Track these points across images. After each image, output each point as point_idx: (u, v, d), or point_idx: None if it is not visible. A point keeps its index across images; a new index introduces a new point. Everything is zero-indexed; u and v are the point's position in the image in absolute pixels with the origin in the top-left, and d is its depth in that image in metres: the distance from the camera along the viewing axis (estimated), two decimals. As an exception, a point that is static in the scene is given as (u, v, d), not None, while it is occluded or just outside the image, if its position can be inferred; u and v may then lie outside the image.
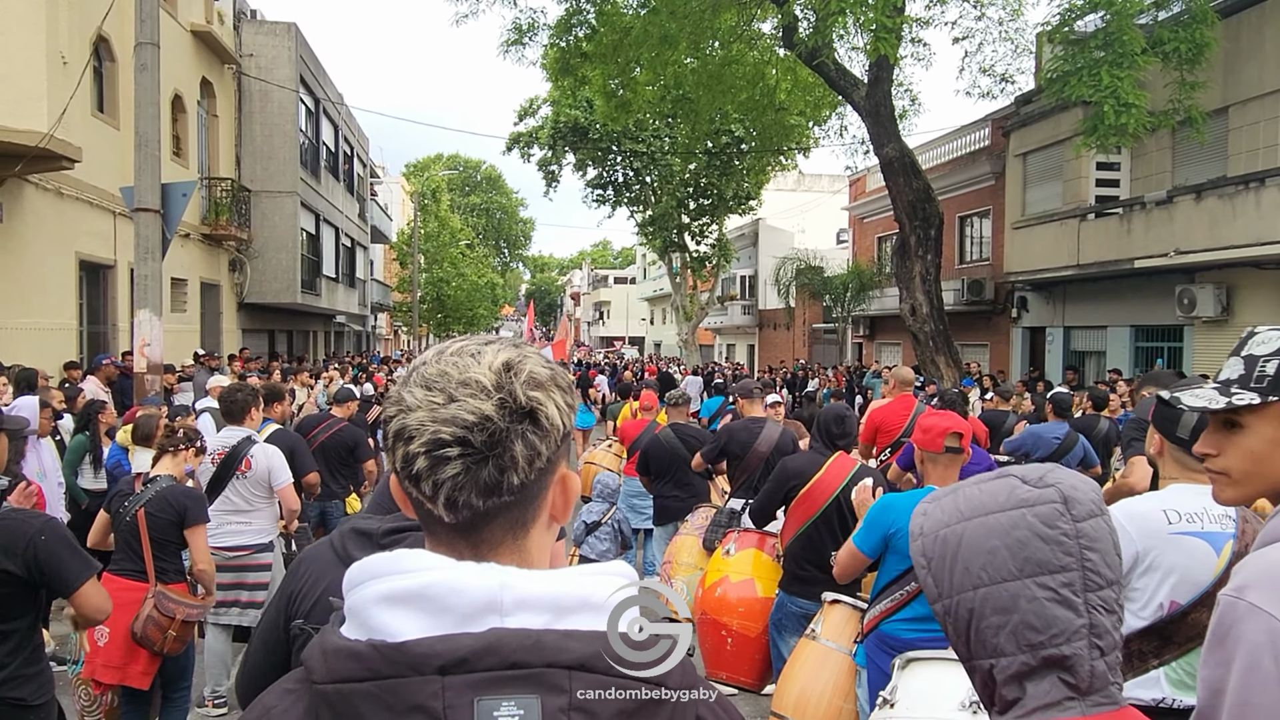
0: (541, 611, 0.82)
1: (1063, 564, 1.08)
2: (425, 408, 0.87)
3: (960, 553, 1.13)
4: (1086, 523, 1.10)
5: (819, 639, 3.82)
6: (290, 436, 6.11)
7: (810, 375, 21.47)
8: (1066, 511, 1.10)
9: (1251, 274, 12.58)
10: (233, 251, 19.16)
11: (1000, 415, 9.03)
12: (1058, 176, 16.58)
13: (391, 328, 48.50)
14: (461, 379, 0.88)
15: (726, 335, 40.71)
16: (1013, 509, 1.12)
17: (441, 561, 0.84)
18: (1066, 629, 1.06)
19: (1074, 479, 1.14)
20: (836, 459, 4.52)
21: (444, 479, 0.86)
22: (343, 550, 1.69)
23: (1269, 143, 12.27)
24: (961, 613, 1.13)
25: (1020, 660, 1.08)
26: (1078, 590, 1.07)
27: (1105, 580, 1.08)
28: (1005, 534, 1.11)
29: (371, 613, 0.82)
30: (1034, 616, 1.07)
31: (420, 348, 41.33)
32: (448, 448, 0.86)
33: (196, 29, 17.01)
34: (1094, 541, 1.09)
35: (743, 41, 16.48)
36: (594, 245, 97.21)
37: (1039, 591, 1.07)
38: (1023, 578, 1.08)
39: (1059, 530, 1.09)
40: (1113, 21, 10.58)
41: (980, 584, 1.11)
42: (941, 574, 1.15)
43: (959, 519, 1.15)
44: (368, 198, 33.08)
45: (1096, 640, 1.07)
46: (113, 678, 4.03)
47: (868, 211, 26.12)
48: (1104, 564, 1.09)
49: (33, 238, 11.30)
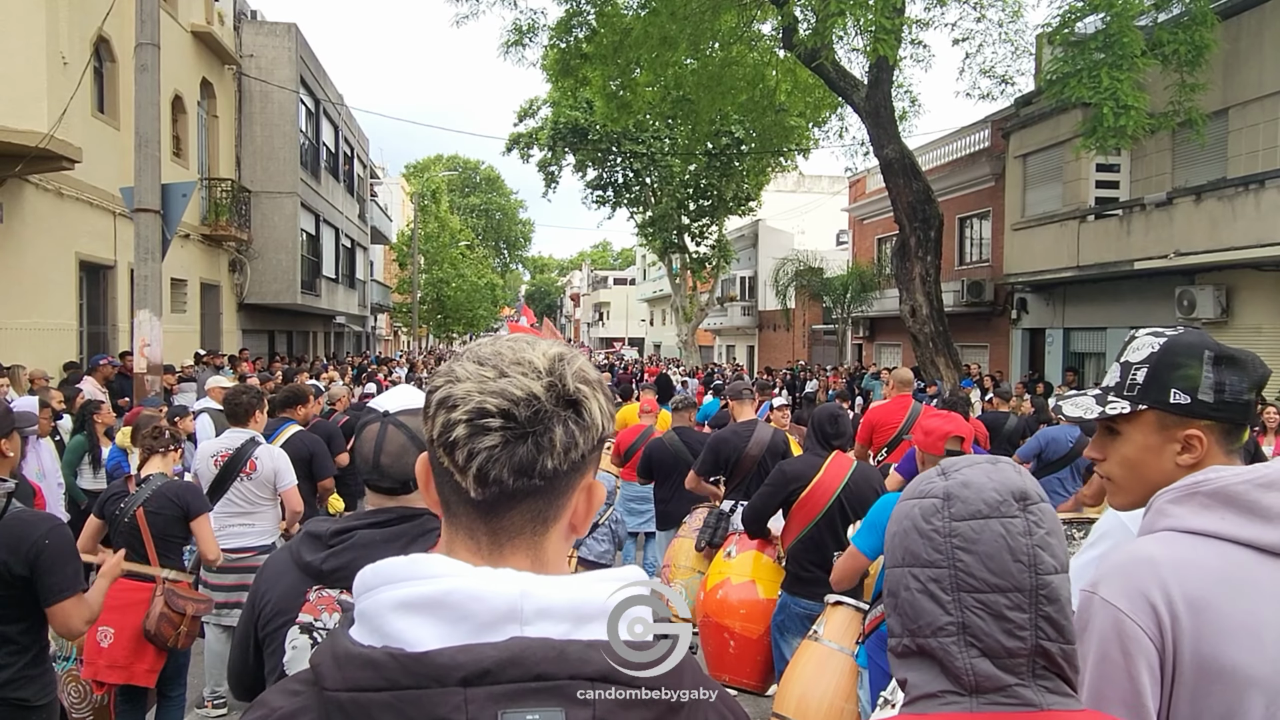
0: (561, 620, 0.81)
1: (931, 559, 1.08)
2: (474, 379, 0.88)
3: (888, 533, 1.18)
4: (966, 523, 1.07)
5: (821, 640, 3.82)
6: (312, 440, 6.08)
7: (810, 376, 21.47)
8: (945, 509, 1.09)
9: (1251, 275, 12.58)
10: (233, 252, 19.16)
11: (1000, 417, 9.05)
12: (1057, 178, 16.58)
13: (391, 329, 48.49)
14: (515, 359, 0.89)
15: (726, 336, 40.71)
16: (910, 499, 1.15)
17: (460, 567, 0.83)
18: (932, 623, 1.07)
19: (979, 476, 1.11)
20: (834, 459, 4.52)
21: (480, 449, 0.86)
22: (296, 554, 1.73)
23: (1269, 144, 12.27)
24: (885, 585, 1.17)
25: (903, 642, 1.11)
26: (946, 588, 1.06)
27: (984, 584, 1.04)
28: (898, 521, 1.14)
29: (387, 619, 0.80)
30: (907, 605, 1.09)
31: (420, 349, 41.35)
32: (490, 418, 0.86)
33: (197, 29, 17.01)
34: (970, 543, 1.06)
35: (743, 43, 16.50)
36: (594, 246, 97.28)
37: (912, 582, 1.09)
38: (903, 566, 1.11)
39: (931, 526, 1.09)
40: (1113, 23, 10.58)
41: (891, 563, 1.15)
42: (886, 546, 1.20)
43: (904, 497, 1.19)
44: (368, 198, 33.08)
45: (973, 640, 1.04)
46: (118, 677, 4.02)
47: (868, 213, 26.13)
48: (982, 567, 1.05)
49: (33, 238, 11.30)
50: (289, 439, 5.92)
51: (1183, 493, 1.35)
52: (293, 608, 1.67)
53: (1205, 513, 1.32)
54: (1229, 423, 1.41)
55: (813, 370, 22.79)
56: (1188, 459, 1.42)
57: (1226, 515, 1.30)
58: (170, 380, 10.66)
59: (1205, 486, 1.33)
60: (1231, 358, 1.42)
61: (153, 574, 4.14)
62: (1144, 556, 1.32)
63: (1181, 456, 1.42)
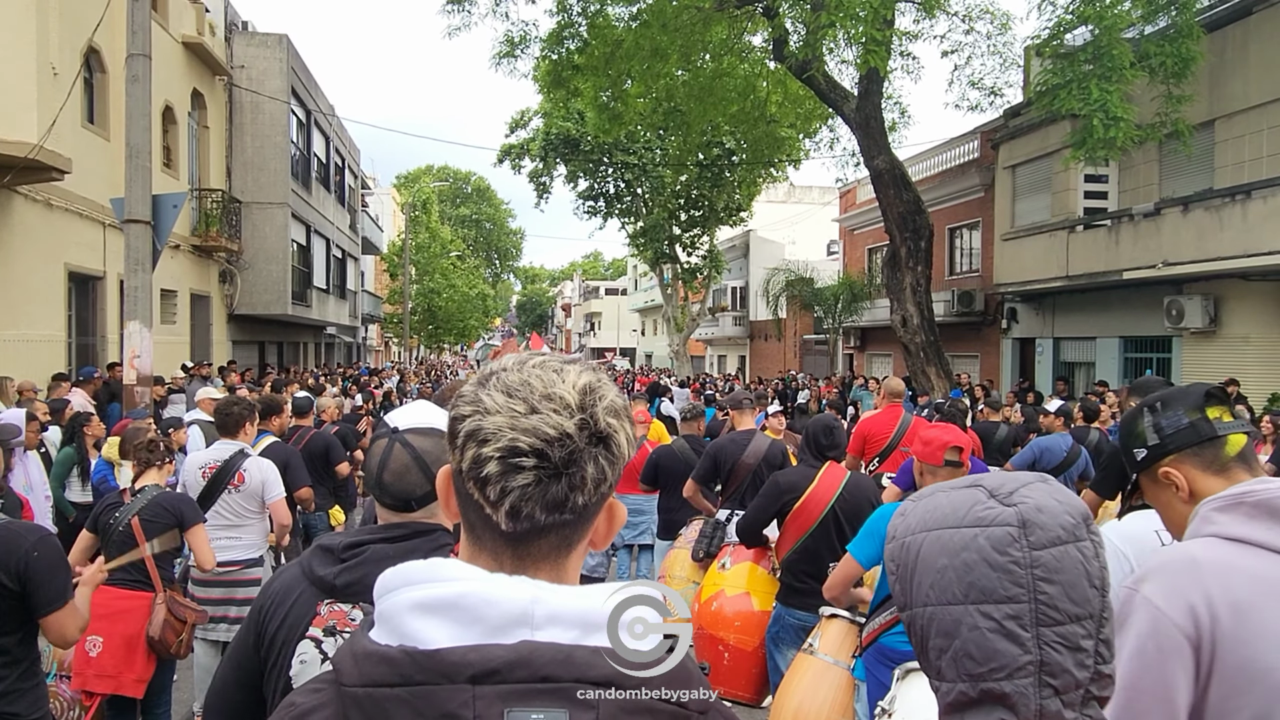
0: (571, 627, 0.83)
1: (1010, 594, 0.98)
2: (505, 413, 0.87)
3: (917, 565, 1.06)
4: (1047, 551, 0.99)
5: (816, 653, 3.81)
6: (285, 450, 6.07)
7: (801, 386, 21.49)
8: (1023, 537, 1.00)
9: (1239, 285, 12.67)
10: (223, 263, 19.10)
11: (991, 427, 9.06)
12: (1046, 189, 16.69)
13: (382, 339, 48.38)
14: (545, 392, 0.89)
15: (718, 346, 40.74)
16: (967, 527, 1.03)
17: (475, 572, 0.86)
18: (1009, 664, 0.97)
19: (1046, 499, 1.03)
20: (828, 470, 4.52)
21: (513, 487, 0.87)
22: (308, 567, 1.71)
23: (1255, 155, 12.38)
24: (916, 627, 1.06)
25: (959, 689, 1.00)
26: (1026, 624, 0.97)
27: (1066, 615, 0.98)
28: (954, 554, 1.02)
29: (404, 619, 0.83)
30: (974, 646, 0.99)
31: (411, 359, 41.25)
32: (524, 457, 0.86)
33: (188, 40, 16.99)
34: (1053, 573, 0.98)
35: (734, 54, 16.58)
36: (585, 256, 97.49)
37: (981, 621, 0.98)
38: (966, 603, 1.00)
39: (1009, 558, 0.99)
40: (1101, 36, 10.68)
41: (929, 602, 1.04)
42: (906, 583, 1.08)
43: (922, 528, 1.08)
44: (359, 209, 33.04)
45: (1049, 679, 0.97)
46: (107, 687, 3.99)
47: (858, 223, 26.23)
48: (1065, 597, 0.98)
49: (21, 249, 11.24)
50: (264, 450, 5.89)
51: (1229, 501, 1.42)
52: (305, 622, 1.65)
53: (1250, 522, 1.38)
54: (1189, 446, 1.53)
55: (805, 380, 22.82)
56: (1180, 495, 1.55)
57: (1271, 526, 1.36)
58: (160, 392, 10.60)
59: (1251, 498, 1.40)
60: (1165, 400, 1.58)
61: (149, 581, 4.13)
62: (1188, 559, 1.38)
63: (1178, 495, 1.56)
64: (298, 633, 1.65)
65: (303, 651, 1.63)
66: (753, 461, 5.82)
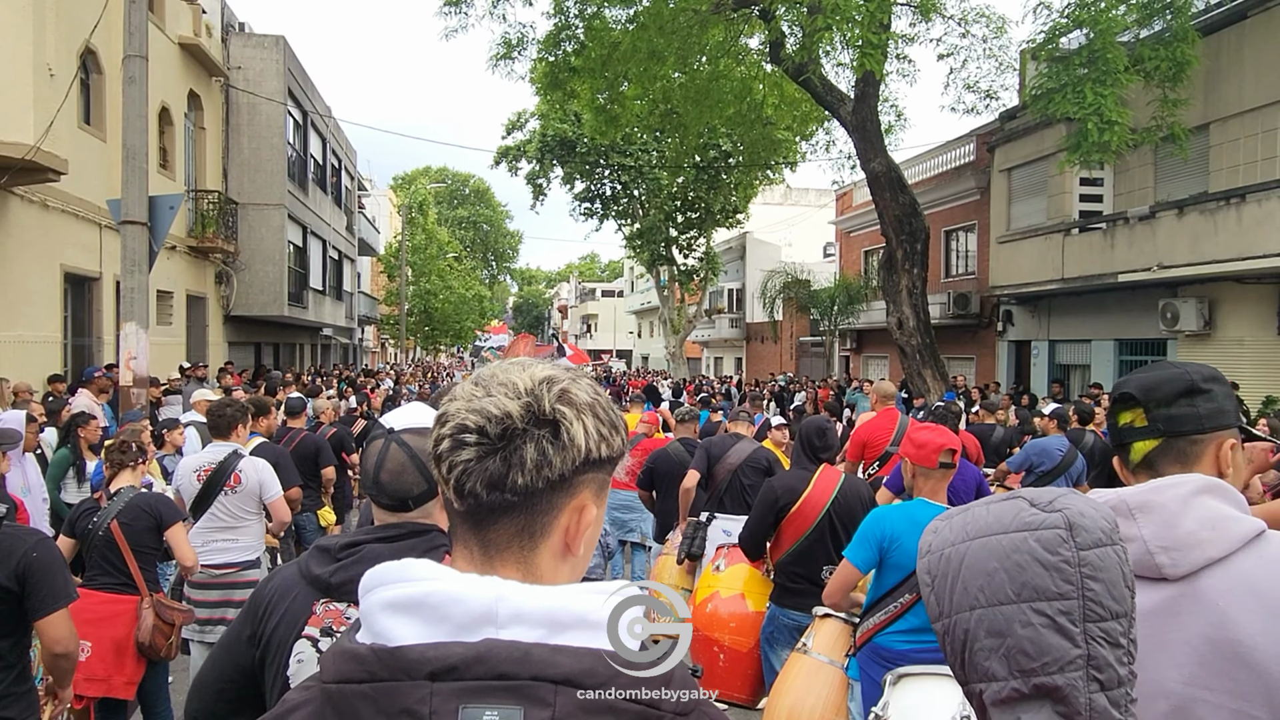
0: (536, 626, 0.84)
1: (1061, 591, 1.05)
2: (464, 398, 0.94)
3: (961, 573, 1.12)
4: (1092, 551, 1.06)
5: (810, 653, 3.82)
6: (274, 450, 6.06)
7: (798, 388, 21.51)
8: (1070, 538, 1.07)
9: (1233, 288, 12.72)
10: (219, 264, 19.07)
11: (987, 429, 9.10)
12: (1042, 192, 16.73)
13: (379, 340, 48.32)
14: (503, 380, 0.94)
15: (714, 348, 40.77)
16: (1016, 532, 1.10)
17: (445, 572, 0.88)
18: (1061, 658, 1.04)
19: (1086, 505, 1.11)
20: (822, 472, 4.52)
21: (458, 462, 0.92)
22: (305, 567, 1.74)
23: (1249, 159, 12.43)
24: (958, 633, 1.11)
25: (1012, 686, 1.06)
26: (1076, 619, 1.04)
27: (1109, 612, 1.05)
28: (1005, 557, 1.09)
29: (377, 618, 0.86)
30: (1028, 643, 1.05)
31: (407, 361, 41.22)
32: (467, 434, 0.92)
33: (184, 42, 16.98)
34: (1098, 571, 1.06)
35: (730, 57, 16.59)
36: (582, 258, 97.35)
37: (1034, 617, 1.05)
38: (1019, 602, 1.06)
39: (1060, 557, 1.06)
40: (1096, 39, 10.71)
41: (977, 605, 1.09)
42: (943, 593, 1.14)
43: (964, 539, 1.14)
44: (355, 210, 33.01)
45: (1095, 673, 1.03)
46: (97, 690, 3.99)
47: (854, 225, 26.27)
48: (1108, 595, 1.05)
49: (17, 250, 11.23)
50: (253, 450, 5.88)
51: None
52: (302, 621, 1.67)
53: None
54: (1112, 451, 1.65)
55: (801, 382, 22.83)
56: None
57: None
58: (155, 393, 10.59)
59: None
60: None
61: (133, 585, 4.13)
62: None
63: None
64: (294, 632, 1.66)
65: (299, 651, 1.65)
66: (734, 462, 5.86)
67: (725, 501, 5.81)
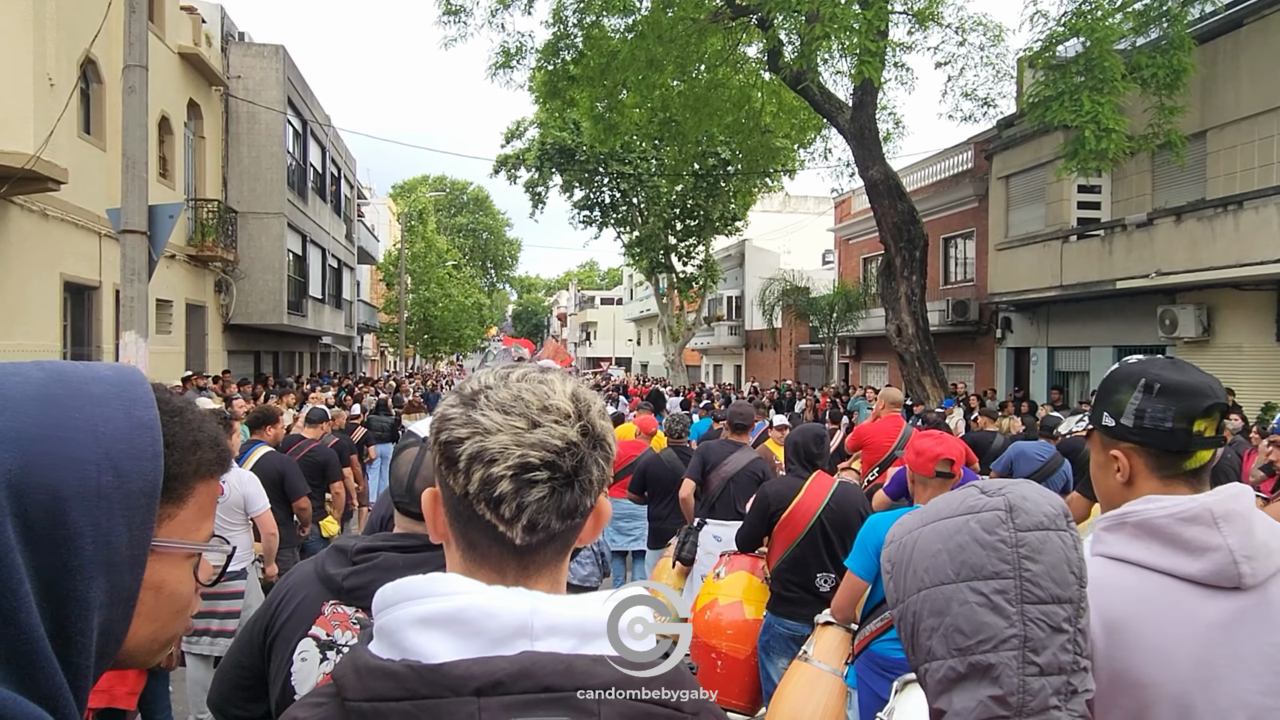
0: (569, 636, 0.86)
1: (997, 570, 1.07)
2: (508, 431, 0.88)
3: (913, 557, 1.14)
4: (1031, 533, 1.08)
5: (811, 660, 3.82)
6: (281, 460, 6.04)
7: (798, 396, 21.51)
8: (1009, 519, 1.09)
9: (1231, 295, 12.74)
10: (219, 273, 19.09)
11: (987, 436, 9.08)
12: (1040, 199, 16.77)
13: (378, 348, 48.31)
14: (542, 405, 0.90)
15: (713, 356, 40.77)
16: (960, 515, 1.12)
17: (474, 585, 0.87)
18: (994, 636, 1.05)
19: (1032, 491, 1.13)
20: (815, 479, 4.53)
21: (529, 502, 0.88)
22: (321, 567, 1.75)
23: (1246, 166, 12.47)
24: (908, 616, 1.14)
25: (948, 665, 1.07)
26: (1012, 599, 1.05)
27: (1048, 595, 1.06)
28: (948, 538, 1.11)
29: (406, 634, 0.85)
30: (964, 620, 1.06)
31: (407, 369, 41.21)
32: (536, 471, 0.88)
33: (184, 51, 17.03)
34: (1036, 553, 1.07)
35: (729, 65, 16.64)
36: (581, 266, 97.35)
37: (971, 596, 1.07)
38: (958, 581, 1.08)
39: (997, 536, 1.08)
40: (1093, 47, 10.75)
41: (923, 586, 1.11)
42: (899, 578, 1.16)
43: (919, 525, 1.17)
44: (354, 219, 33.05)
45: (1032, 655, 1.04)
46: (99, 701, 3.98)
47: (853, 233, 26.31)
48: (1047, 577, 1.06)
49: (17, 259, 11.24)
50: (259, 460, 5.86)
51: (1113, 522, 1.44)
52: (310, 619, 1.68)
53: (1133, 542, 1.40)
54: (1153, 447, 1.47)
55: (801, 390, 22.83)
56: (1119, 477, 1.52)
57: (1151, 545, 1.38)
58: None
59: (1132, 518, 1.41)
60: (1168, 387, 1.46)
61: None
62: None
63: (1116, 475, 1.53)
64: (302, 629, 1.68)
65: (303, 649, 1.66)
66: (730, 471, 5.86)
67: (716, 508, 5.84)
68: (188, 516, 0.87)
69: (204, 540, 0.90)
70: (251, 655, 1.74)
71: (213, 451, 0.90)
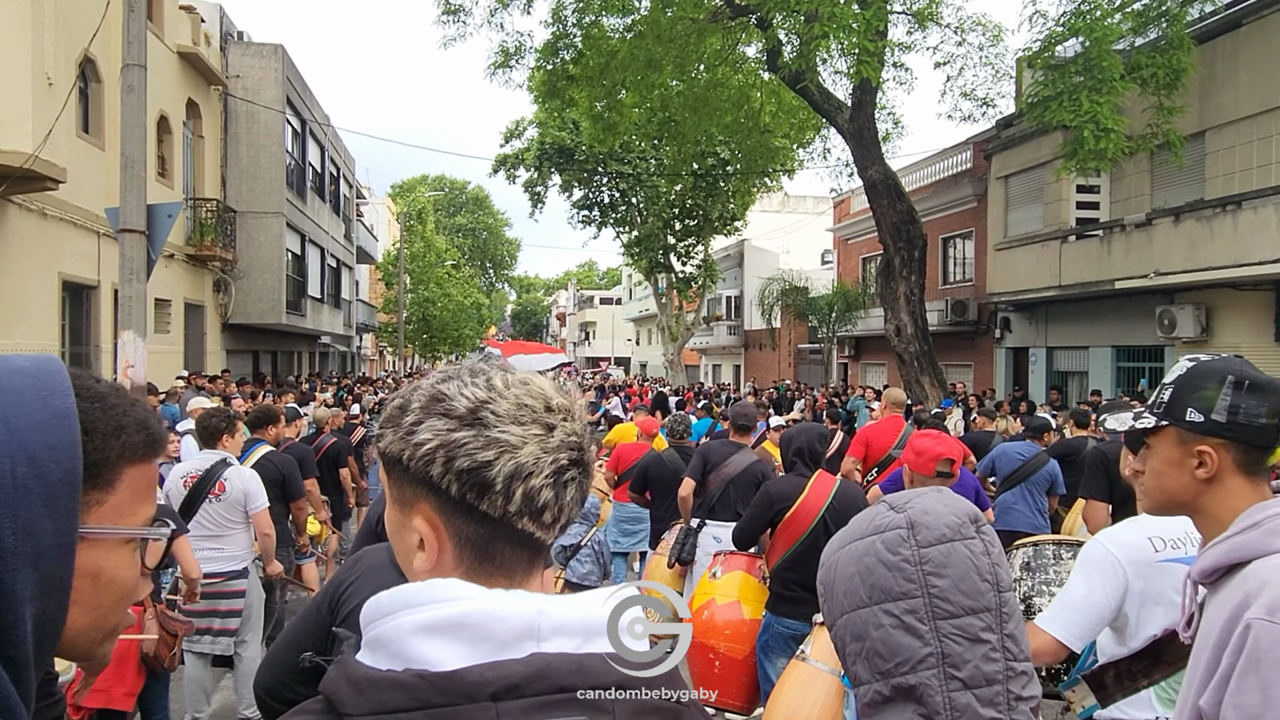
0: (575, 635, 0.85)
1: (904, 590, 1.05)
2: (533, 442, 0.89)
3: (835, 580, 1.13)
4: (934, 548, 1.06)
5: (809, 660, 3.82)
6: (284, 460, 6.02)
7: (797, 396, 21.50)
8: (911, 537, 1.07)
9: (1230, 295, 12.75)
10: (217, 272, 19.08)
11: (985, 436, 9.08)
12: (1039, 199, 16.78)
13: (377, 348, 48.29)
14: (546, 407, 0.92)
15: (712, 356, 40.78)
16: (868, 536, 1.11)
17: (474, 589, 0.85)
18: (911, 657, 1.03)
19: (934, 503, 1.11)
20: (818, 479, 4.54)
21: (566, 501, 0.91)
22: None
23: (1245, 166, 12.47)
24: (836, 640, 1.13)
25: (874, 689, 1.06)
26: (923, 618, 1.04)
27: (959, 608, 1.04)
28: (859, 560, 1.10)
29: (407, 642, 0.82)
30: (880, 644, 1.05)
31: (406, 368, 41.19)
32: (568, 471, 0.91)
33: (183, 50, 17.02)
34: (941, 568, 1.05)
35: (728, 65, 16.65)
36: (580, 266, 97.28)
37: (885, 619, 1.05)
38: (871, 604, 1.07)
39: (900, 556, 1.07)
40: (1092, 48, 10.76)
41: (844, 610, 1.10)
42: (828, 601, 1.15)
43: (839, 547, 1.15)
44: (354, 218, 33.04)
45: (952, 671, 1.02)
46: (97, 701, 3.98)
47: (852, 233, 26.32)
48: (955, 590, 1.05)
49: (15, 258, 11.23)
50: (259, 460, 5.86)
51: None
52: None
53: None
54: (1244, 443, 1.47)
55: (800, 390, 22.83)
56: (1202, 473, 1.50)
57: None
58: (153, 402, 10.58)
59: None
60: (1257, 384, 1.48)
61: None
62: None
63: (1198, 471, 1.51)
64: None
65: None
66: (731, 473, 5.85)
67: (716, 509, 5.82)
68: (120, 502, 0.86)
69: (141, 525, 0.88)
70: (315, 640, 1.71)
71: (139, 435, 0.88)
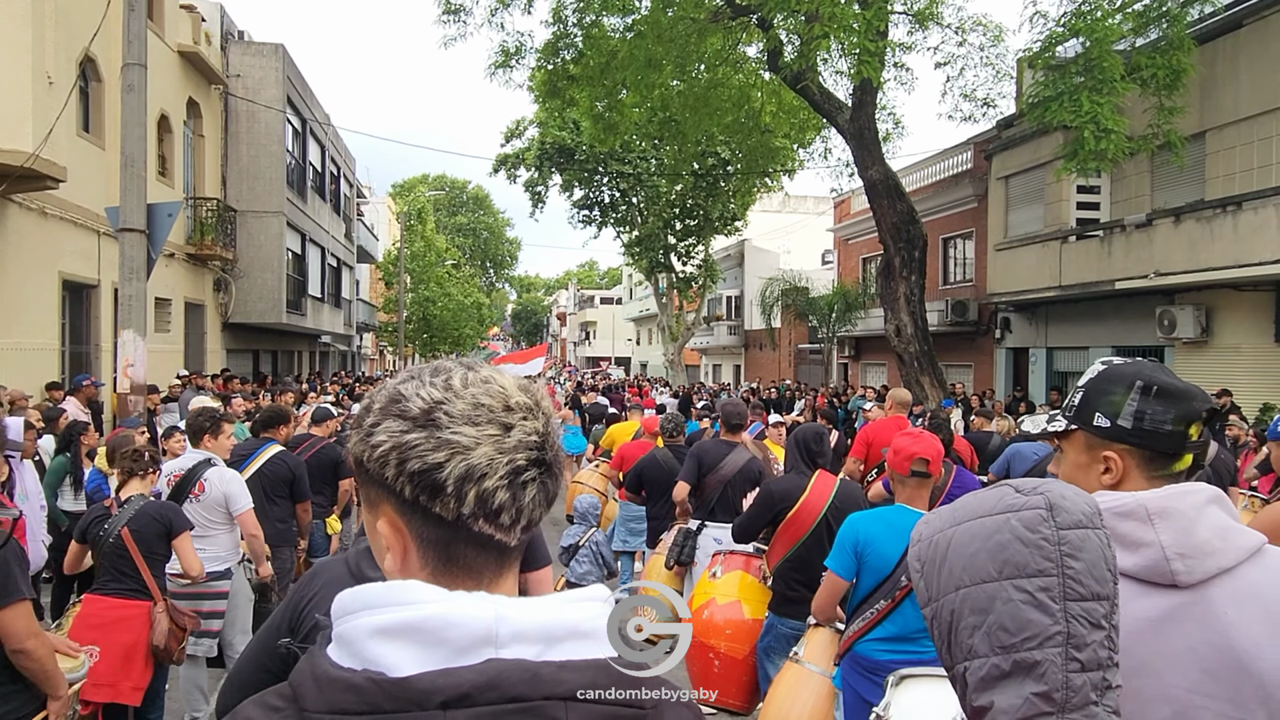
0: (534, 642, 0.84)
1: (1041, 568, 1.08)
2: (487, 443, 0.87)
3: (948, 556, 1.15)
4: (1072, 531, 1.09)
5: (801, 661, 3.82)
6: (295, 461, 5.97)
7: (798, 396, 21.49)
8: (1050, 518, 1.10)
9: (1230, 295, 12.74)
10: (218, 271, 19.09)
11: (984, 436, 9.10)
12: (1039, 199, 16.77)
13: (377, 348, 48.29)
14: (505, 405, 0.89)
15: (712, 355, 40.77)
16: (999, 514, 1.13)
17: (435, 593, 0.84)
18: (1039, 633, 1.06)
19: (1068, 490, 1.14)
20: (819, 478, 4.54)
21: (525, 503, 0.89)
22: (355, 568, 1.71)
23: (1245, 167, 12.47)
24: (944, 615, 1.13)
25: (992, 662, 1.08)
26: (1055, 596, 1.06)
27: (1089, 592, 1.07)
28: (988, 537, 1.12)
29: (366, 644, 0.82)
30: (1008, 618, 1.07)
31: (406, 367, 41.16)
32: (526, 471, 0.88)
33: (184, 50, 17.03)
34: (1078, 550, 1.08)
35: (728, 65, 16.65)
36: (580, 265, 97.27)
37: (1015, 594, 1.07)
38: (1000, 579, 1.09)
39: (1040, 535, 1.09)
40: (1092, 48, 10.75)
41: (961, 585, 1.12)
42: (931, 577, 1.17)
43: (951, 524, 1.17)
44: (354, 218, 33.04)
45: (1075, 651, 1.05)
46: (104, 695, 4.00)
47: (852, 233, 26.31)
48: (1088, 575, 1.08)
49: (15, 257, 11.23)
50: (270, 459, 5.84)
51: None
52: None
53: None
54: (1149, 449, 1.48)
55: (800, 389, 22.82)
56: (1107, 479, 1.51)
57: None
58: (154, 401, 10.58)
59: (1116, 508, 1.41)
60: (1165, 390, 1.48)
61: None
62: None
63: (1103, 476, 1.52)
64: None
65: None
66: (727, 473, 5.83)
67: (716, 511, 5.81)
68: None
69: None
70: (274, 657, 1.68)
71: None
